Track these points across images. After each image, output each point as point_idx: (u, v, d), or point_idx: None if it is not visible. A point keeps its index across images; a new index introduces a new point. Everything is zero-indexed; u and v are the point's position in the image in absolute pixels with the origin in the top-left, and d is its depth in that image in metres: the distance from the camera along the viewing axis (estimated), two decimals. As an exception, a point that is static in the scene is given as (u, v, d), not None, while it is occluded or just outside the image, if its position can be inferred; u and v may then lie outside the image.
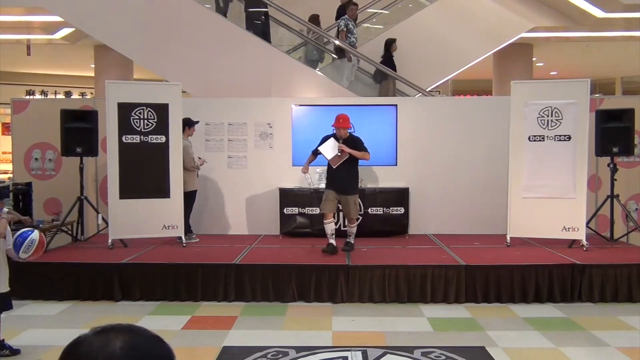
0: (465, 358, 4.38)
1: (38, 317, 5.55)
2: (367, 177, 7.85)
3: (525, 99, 6.87)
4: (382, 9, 11.12)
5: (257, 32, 9.02)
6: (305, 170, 6.98)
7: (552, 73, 17.91)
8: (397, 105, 8.27)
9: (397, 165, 8.16)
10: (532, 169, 6.84)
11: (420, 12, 10.56)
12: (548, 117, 6.78)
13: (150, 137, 6.95)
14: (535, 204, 6.80)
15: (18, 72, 16.98)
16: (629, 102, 7.92)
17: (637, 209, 8.09)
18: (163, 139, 6.98)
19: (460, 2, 10.65)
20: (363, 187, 7.57)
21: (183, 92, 7.62)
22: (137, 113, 6.90)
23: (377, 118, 8.24)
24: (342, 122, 6.65)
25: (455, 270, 5.98)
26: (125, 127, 6.87)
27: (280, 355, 4.41)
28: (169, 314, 5.64)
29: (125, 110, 6.86)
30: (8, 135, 13.34)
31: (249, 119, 8.16)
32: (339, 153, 6.59)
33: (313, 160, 6.97)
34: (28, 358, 4.48)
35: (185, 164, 7.15)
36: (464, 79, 16.67)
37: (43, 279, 6.08)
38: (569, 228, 6.71)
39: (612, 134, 7.04)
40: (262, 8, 9.38)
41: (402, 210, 7.83)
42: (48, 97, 17.11)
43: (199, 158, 7.49)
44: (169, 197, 6.97)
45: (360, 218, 7.27)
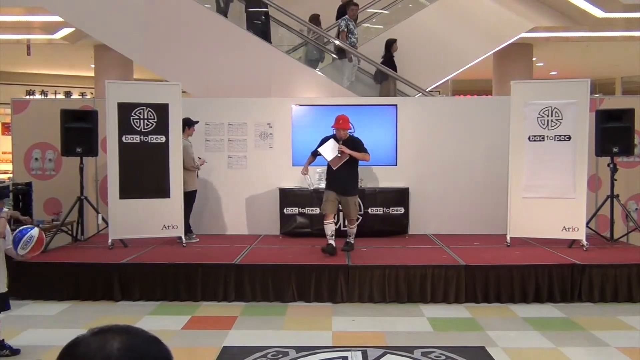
0: (465, 358, 4.38)
1: (38, 317, 5.54)
2: (367, 177, 7.84)
3: (525, 99, 6.87)
4: (382, 9, 11.11)
5: (257, 32, 9.02)
6: (305, 172, 6.95)
7: (552, 73, 17.90)
8: (397, 106, 8.26)
9: (397, 165, 8.16)
10: (532, 169, 6.83)
11: (420, 12, 10.56)
12: (548, 117, 6.78)
13: (150, 137, 6.95)
14: (535, 204, 6.80)
15: (18, 72, 16.98)
16: (629, 102, 7.91)
17: (637, 209, 8.08)
18: (163, 139, 6.98)
19: (460, 2, 10.65)
20: (363, 187, 7.57)
21: (183, 92, 7.62)
22: (137, 113, 6.90)
23: (377, 118, 8.24)
24: (341, 123, 6.64)
25: (455, 270, 5.98)
26: (125, 127, 6.87)
27: (280, 355, 4.41)
28: (169, 314, 5.64)
29: (125, 110, 6.87)
30: (8, 135, 13.34)
31: (249, 119, 8.16)
32: (339, 154, 6.56)
33: (312, 162, 6.95)
34: (28, 358, 4.48)
35: (185, 164, 7.15)
36: (464, 79, 16.66)
37: (43, 279, 6.09)
38: (569, 228, 6.71)
39: (612, 134, 7.04)
40: (262, 8, 9.38)
41: (402, 210, 7.83)
42: (48, 97, 17.12)
43: (199, 158, 7.49)
44: (169, 197, 6.97)
45: (360, 218, 7.27)
